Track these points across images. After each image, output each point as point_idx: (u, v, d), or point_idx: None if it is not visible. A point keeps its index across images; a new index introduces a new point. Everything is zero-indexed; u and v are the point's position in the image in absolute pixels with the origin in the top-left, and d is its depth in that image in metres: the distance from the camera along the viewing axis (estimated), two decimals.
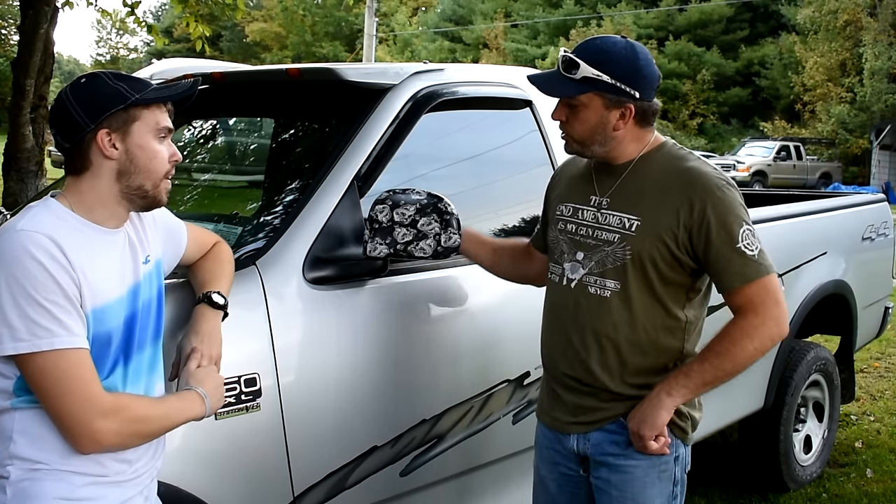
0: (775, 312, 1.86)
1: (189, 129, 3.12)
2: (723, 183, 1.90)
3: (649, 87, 1.91)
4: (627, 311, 1.93)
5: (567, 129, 1.97)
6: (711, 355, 1.88)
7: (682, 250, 1.89)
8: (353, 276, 2.19)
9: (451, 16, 40.16)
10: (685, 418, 1.99)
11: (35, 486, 1.47)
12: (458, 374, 2.42)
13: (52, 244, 1.45)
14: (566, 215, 2.05)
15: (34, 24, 6.75)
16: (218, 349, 1.75)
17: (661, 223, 1.89)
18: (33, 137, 6.96)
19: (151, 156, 1.57)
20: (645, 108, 1.93)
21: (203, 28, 7.68)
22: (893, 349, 6.56)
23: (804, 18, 28.99)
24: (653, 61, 1.95)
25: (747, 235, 1.86)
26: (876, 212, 4.45)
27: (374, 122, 2.37)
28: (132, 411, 1.52)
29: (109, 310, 1.54)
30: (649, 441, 1.90)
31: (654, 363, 1.96)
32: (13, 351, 1.42)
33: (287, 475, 2.03)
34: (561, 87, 1.92)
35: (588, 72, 1.87)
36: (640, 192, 1.93)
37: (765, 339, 1.86)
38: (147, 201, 1.61)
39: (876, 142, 24.99)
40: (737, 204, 1.89)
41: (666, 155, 1.97)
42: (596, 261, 1.96)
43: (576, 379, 2.01)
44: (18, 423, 1.47)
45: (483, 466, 2.54)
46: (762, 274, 1.85)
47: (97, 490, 1.52)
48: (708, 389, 1.95)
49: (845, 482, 4.04)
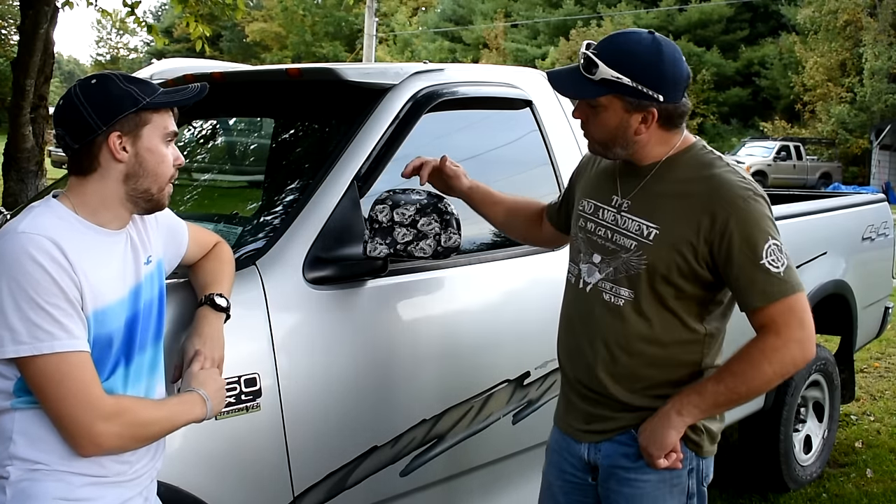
0: (799, 334, 1.73)
1: (189, 129, 3.12)
2: (749, 193, 1.77)
3: (675, 88, 1.79)
4: (641, 322, 1.84)
5: (588, 129, 1.88)
6: (727, 375, 1.77)
7: (702, 264, 1.79)
8: (353, 276, 2.19)
9: (451, 16, 40.15)
10: (700, 432, 1.88)
11: (34, 486, 1.47)
12: (458, 374, 2.42)
13: (53, 247, 1.45)
14: (587, 212, 1.96)
15: (34, 24, 6.75)
16: (220, 352, 1.75)
17: (680, 234, 1.79)
18: (33, 137, 6.96)
19: (160, 159, 1.58)
20: (670, 111, 1.80)
21: (203, 28, 7.68)
22: (893, 349, 6.56)
23: (804, 18, 28.97)
24: (680, 60, 1.81)
25: (773, 251, 1.74)
26: (876, 212, 4.46)
27: (374, 122, 2.37)
28: (133, 415, 1.52)
29: (111, 311, 1.54)
30: (658, 459, 1.81)
31: (668, 376, 1.86)
32: (14, 354, 1.42)
33: (287, 475, 2.03)
34: (578, 87, 1.81)
35: (607, 73, 1.75)
36: (661, 198, 1.83)
37: (785, 363, 1.74)
38: (151, 204, 1.62)
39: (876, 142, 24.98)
40: (762, 217, 1.76)
41: (692, 159, 1.85)
42: (613, 267, 1.86)
43: (587, 386, 1.94)
44: (18, 424, 1.47)
45: (483, 467, 2.54)
46: (787, 293, 1.73)
47: (96, 490, 1.52)
48: (721, 411, 1.87)
49: (845, 482, 4.04)
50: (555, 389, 2.65)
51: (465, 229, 2.19)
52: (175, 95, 1.59)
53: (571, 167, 2.84)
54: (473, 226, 2.49)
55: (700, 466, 1.91)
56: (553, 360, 2.62)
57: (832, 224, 4.06)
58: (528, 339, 2.59)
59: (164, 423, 1.58)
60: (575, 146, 2.92)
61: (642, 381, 1.87)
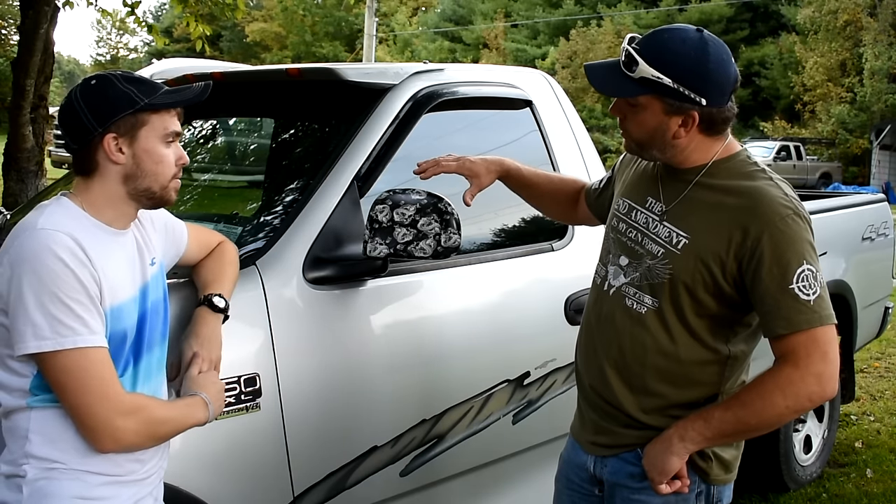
0: (819, 368, 1.59)
1: (189, 129, 3.12)
2: (789, 212, 1.64)
3: (720, 92, 1.67)
4: (662, 333, 1.74)
5: (625, 127, 1.77)
6: (737, 405, 1.65)
7: (729, 281, 1.67)
8: (353, 276, 2.19)
9: (451, 16, 40.14)
10: (708, 459, 1.76)
11: (51, 484, 1.47)
12: (458, 373, 2.42)
13: (73, 243, 1.46)
14: (621, 212, 1.87)
15: (34, 24, 6.76)
16: (218, 352, 1.76)
17: (709, 246, 1.67)
18: (33, 137, 6.97)
19: (158, 160, 1.58)
20: (713, 116, 1.69)
21: (203, 27, 7.68)
22: (893, 349, 6.56)
23: (804, 18, 28.97)
24: (728, 61, 1.69)
25: (806, 276, 1.60)
26: (876, 212, 4.45)
27: (374, 122, 2.37)
28: (151, 412, 1.54)
29: (125, 308, 1.55)
30: (658, 485, 1.73)
31: (682, 396, 1.76)
32: (37, 349, 1.42)
33: (287, 475, 2.03)
34: (617, 85, 1.70)
35: (647, 72, 1.64)
36: (695, 206, 1.72)
37: (801, 398, 1.61)
38: (154, 201, 1.62)
39: (876, 142, 24.98)
40: (800, 238, 1.63)
41: (732, 168, 1.73)
42: (639, 272, 1.77)
43: (598, 393, 1.86)
44: (34, 423, 1.48)
45: (483, 466, 2.54)
46: (814, 324, 1.60)
47: (112, 489, 1.54)
48: (729, 441, 1.76)
49: (845, 482, 4.04)
50: (555, 389, 2.66)
51: (465, 229, 2.19)
52: (175, 96, 1.59)
53: (571, 167, 2.86)
54: (473, 226, 2.50)
55: (711, 492, 1.80)
56: (553, 360, 2.63)
57: (832, 224, 4.06)
58: (528, 339, 2.59)
59: (175, 423, 1.59)
60: (575, 146, 2.92)
61: (654, 397, 1.78)
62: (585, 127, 3.06)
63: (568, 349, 2.64)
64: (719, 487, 1.82)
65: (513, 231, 2.73)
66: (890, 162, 25.50)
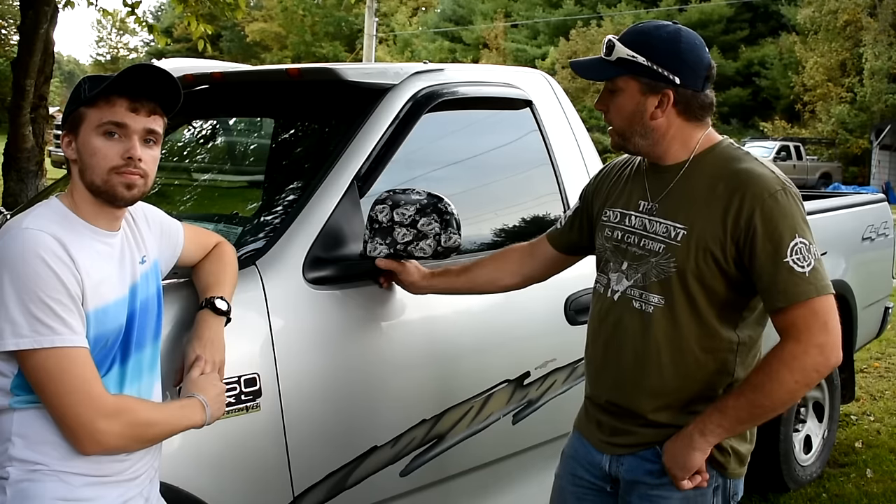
0: (821, 339, 1.62)
1: (189, 129, 3.12)
2: (778, 188, 1.69)
3: (692, 73, 1.75)
4: (673, 329, 1.76)
5: (609, 119, 1.85)
6: (748, 389, 1.68)
7: (731, 264, 1.71)
8: (352, 277, 2.19)
9: (451, 16, 40.16)
10: (726, 454, 1.80)
11: (34, 486, 1.47)
12: (458, 374, 2.42)
13: (56, 243, 1.46)
14: (613, 221, 1.91)
15: (34, 24, 6.76)
16: (221, 355, 1.76)
17: (707, 233, 1.72)
18: (33, 137, 6.97)
19: (92, 153, 1.56)
20: (688, 98, 1.76)
21: (205, 27, 7.68)
22: (893, 349, 6.56)
23: (804, 18, 28.98)
24: (701, 47, 1.78)
25: (799, 249, 1.64)
26: (876, 212, 4.45)
27: (374, 122, 2.37)
28: (135, 415, 1.53)
29: (112, 309, 1.55)
30: (681, 481, 1.75)
31: (698, 390, 1.78)
32: (14, 346, 1.42)
33: (287, 475, 2.03)
34: (597, 69, 1.82)
35: (623, 52, 1.75)
36: (689, 197, 1.77)
37: (807, 371, 1.62)
38: (103, 196, 1.57)
39: (876, 142, 24.99)
40: (791, 212, 1.68)
41: (719, 155, 1.79)
42: (642, 273, 1.80)
43: (611, 401, 1.88)
44: (17, 425, 1.48)
45: (483, 466, 2.54)
46: (811, 294, 1.63)
47: (96, 490, 1.53)
48: (746, 428, 1.79)
49: (845, 482, 4.04)
50: (555, 389, 2.66)
51: (465, 229, 2.19)
52: (101, 83, 1.56)
53: (571, 167, 2.86)
54: (473, 226, 2.50)
55: (727, 485, 1.84)
56: (553, 360, 2.63)
57: (832, 224, 4.06)
58: (528, 339, 2.59)
59: (165, 425, 1.58)
60: (575, 146, 2.92)
61: (670, 395, 1.80)
62: (585, 127, 3.06)
63: (568, 349, 2.65)
64: (734, 481, 1.86)
65: (513, 231, 2.73)
66: (890, 162, 25.50)
